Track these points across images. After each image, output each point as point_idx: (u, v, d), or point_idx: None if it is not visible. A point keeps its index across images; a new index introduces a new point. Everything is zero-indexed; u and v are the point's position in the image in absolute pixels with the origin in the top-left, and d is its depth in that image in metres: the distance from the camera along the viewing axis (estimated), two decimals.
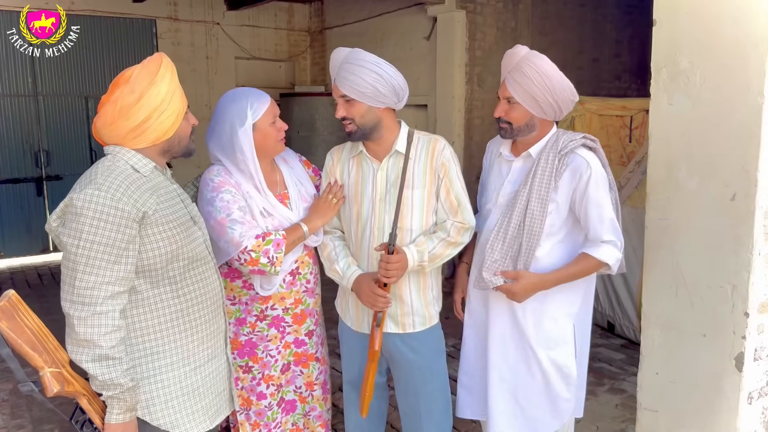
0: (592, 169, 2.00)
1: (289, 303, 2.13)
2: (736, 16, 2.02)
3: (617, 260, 2.06)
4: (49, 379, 1.52)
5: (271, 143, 2.06)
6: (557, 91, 2.01)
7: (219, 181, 2.00)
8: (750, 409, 2.17)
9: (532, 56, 2.04)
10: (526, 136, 2.10)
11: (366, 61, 1.94)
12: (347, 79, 1.93)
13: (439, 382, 2.15)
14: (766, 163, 2.02)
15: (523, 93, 2.01)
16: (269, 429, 2.17)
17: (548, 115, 2.07)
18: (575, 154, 2.02)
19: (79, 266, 1.52)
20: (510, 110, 2.05)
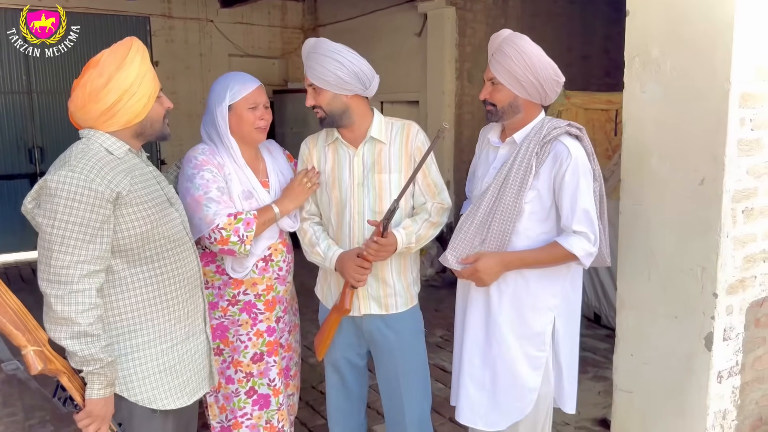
0: (572, 157, 1.97)
1: (260, 289, 2.18)
2: (703, 7, 2.09)
3: (588, 254, 1.98)
4: (32, 357, 1.55)
5: (246, 128, 2.11)
6: (538, 69, 2.00)
7: (202, 159, 2.07)
8: (720, 388, 2.23)
9: (513, 36, 2.05)
10: (511, 119, 2.08)
11: (327, 50, 2.00)
12: (313, 69, 2.00)
13: (418, 363, 2.20)
14: (733, 148, 2.09)
15: (505, 73, 2.01)
16: (235, 416, 2.19)
17: (532, 96, 2.05)
18: (558, 142, 2.00)
19: (54, 246, 1.55)
20: (494, 91, 2.06)
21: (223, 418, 2.22)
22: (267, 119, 2.16)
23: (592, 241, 1.98)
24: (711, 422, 2.23)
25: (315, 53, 2.00)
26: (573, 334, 2.19)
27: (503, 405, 2.10)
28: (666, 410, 2.33)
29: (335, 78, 1.98)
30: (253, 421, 2.20)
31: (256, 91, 2.13)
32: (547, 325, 2.09)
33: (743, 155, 2.13)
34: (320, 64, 1.98)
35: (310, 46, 2.04)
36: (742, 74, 2.06)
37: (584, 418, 3.22)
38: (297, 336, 2.40)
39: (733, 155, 2.09)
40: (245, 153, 2.14)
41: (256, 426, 2.20)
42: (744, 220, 2.18)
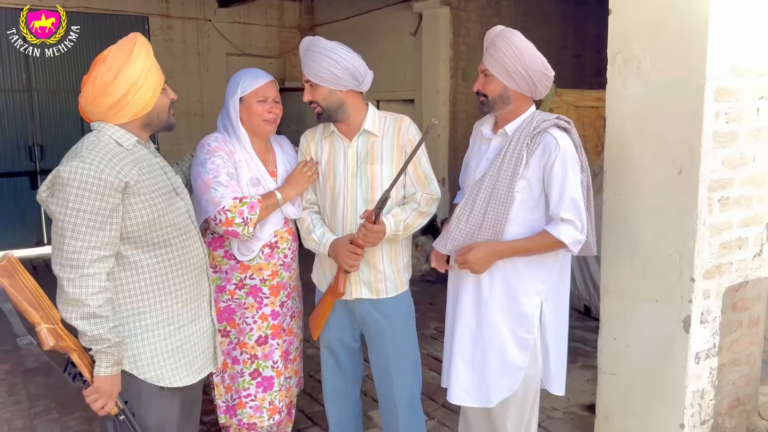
0: (560, 148, 2.06)
1: (266, 274, 2.29)
2: (680, 6, 2.20)
3: (575, 241, 2.06)
4: (45, 334, 1.65)
5: (255, 119, 2.23)
6: (527, 62, 2.10)
7: (215, 146, 2.20)
8: (698, 369, 2.34)
9: (505, 32, 2.16)
10: (502, 109, 2.18)
11: (322, 47, 2.11)
12: (309, 66, 2.12)
13: (408, 346, 2.30)
14: (708, 140, 2.20)
15: (497, 65, 2.12)
16: (239, 396, 2.31)
17: (521, 88, 2.14)
18: (547, 134, 2.09)
19: (66, 232, 1.65)
20: (486, 83, 2.17)
21: (228, 397, 2.33)
22: (275, 112, 2.27)
23: (579, 229, 2.06)
24: (689, 401, 2.34)
25: (311, 51, 2.11)
26: (561, 318, 2.28)
27: (493, 383, 2.20)
28: (647, 390, 2.44)
29: (330, 74, 2.09)
30: (257, 402, 2.31)
31: (267, 85, 2.26)
32: (535, 308, 2.19)
33: (719, 147, 2.24)
34: (315, 61, 2.09)
35: (306, 45, 2.15)
36: (717, 70, 2.17)
37: (573, 404, 3.33)
38: (299, 322, 2.50)
39: (709, 147, 2.20)
40: (256, 144, 2.27)
41: (260, 407, 2.31)
42: (720, 208, 2.29)
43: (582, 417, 3.20)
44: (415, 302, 2.41)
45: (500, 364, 2.19)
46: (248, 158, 2.24)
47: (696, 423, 2.40)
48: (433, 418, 3.24)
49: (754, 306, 2.52)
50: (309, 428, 3.18)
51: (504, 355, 2.19)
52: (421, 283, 5.79)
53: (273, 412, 2.32)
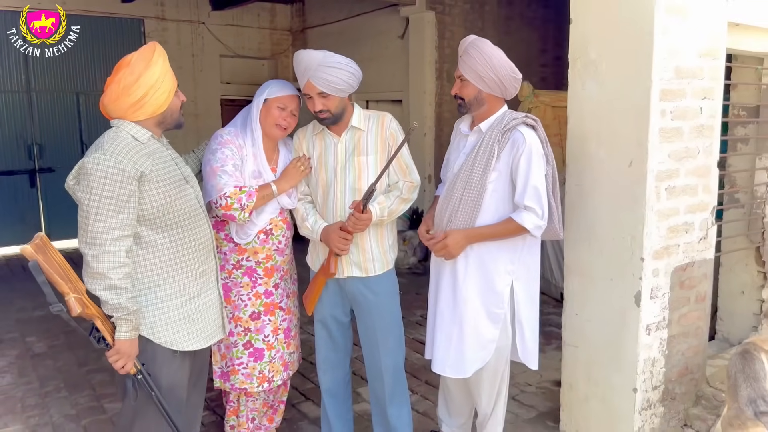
0: (527, 144, 2.33)
1: (261, 257, 2.55)
2: (630, 17, 2.49)
3: (537, 227, 2.31)
4: (73, 302, 1.89)
5: (270, 121, 2.48)
6: (497, 67, 2.38)
7: (227, 138, 2.46)
8: (648, 339, 2.63)
9: (476, 41, 2.44)
10: (478, 110, 2.45)
11: (340, 63, 2.34)
12: (325, 79, 2.31)
13: (393, 319, 2.57)
14: (655, 135, 2.49)
15: (470, 71, 2.40)
16: (233, 363, 2.57)
17: (493, 90, 2.41)
18: (516, 131, 2.36)
19: (90, 215, 1.90)
20: (462, 87, 2.44)
21: (223, 364, 2.59)
22: (289, 122, 2.51)
23: (540, 216, 2.33)
24: (641, 368, 2.63)
25: (327, 66, 2.32)
26: (532, 296, 2.53)
27: (468, 355, 2.47)
28: (605, 359, 2.73)
29: (346, 85, 2.36)
30: (248, 371, 2.57)
31: (289, 97, 2.50)
32: (505, 286, 2.45)
33: (665, 141, 2.53)
34: (335, 75, 2.32)
35: (320, 59, 2.33)
36: (662, 73, 2.47)
37: (545, 380, 3.62)
38: (295, 301, 2.76)
39: (656, 141, 2.49)
40: (265, 143, 2.52)
41: (251, 375, 2.57)
42: (667, 196, 2.58)
43: (552, 391, 3.48)
44: (403, 292, 2.68)
45: (474, 338, 2.46)
46: (255, 152, 2.50)
47: (648, 388, 2.69)
48: (416, 393, 3.51)
49: (700, 284, 2.82)
50: (302, 403, 3.45)
51: (478, 329, 2.46)
52: (408, 275, 6.07)
53: (262, 380, 2.58)
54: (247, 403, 2.66)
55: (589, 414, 2.81)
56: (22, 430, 3.17)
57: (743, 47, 2.97)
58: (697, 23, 2.58)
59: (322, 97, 2.36)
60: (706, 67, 2.65)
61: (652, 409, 2.73)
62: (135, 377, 2.01)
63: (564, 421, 2.94)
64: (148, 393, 2.00)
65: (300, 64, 2.37)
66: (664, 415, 2.80)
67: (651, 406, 2.72)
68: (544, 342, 4.17)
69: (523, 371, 3.84)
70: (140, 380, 2.01)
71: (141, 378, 2.01)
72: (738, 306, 3.54)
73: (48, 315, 4.96)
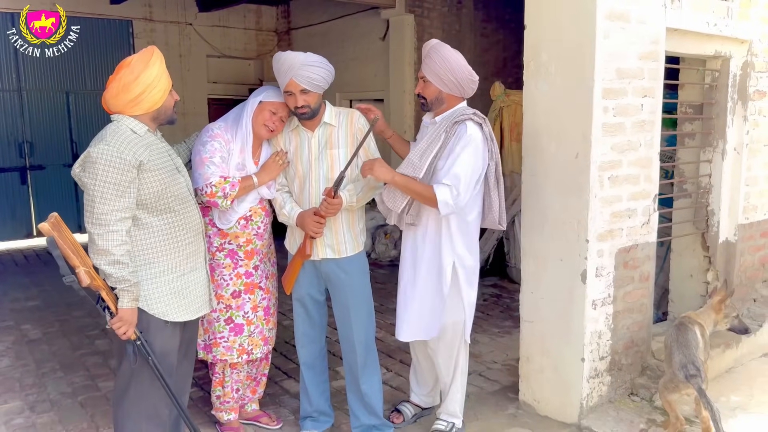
0: (467, 135, 2.56)
1: (241, 241, 2.80)
2: (575, 22, 2.78)
3: (445, 203, 2.50)
4: (83, 274, 2.13)
5: (259, 120, 2.72)
6: (455, 70, 2.64)
7: (217, 132, 2.71)
8: (595, 314, 2.92)
9: (437, 45, 2.70)
10: (438, 108, 2.72)
11: (319, 62, 2.60)
12: (307, 77, 2.56)
13: (364, 295, 2.83)
14: (598, 129, 2.78)
15: (431, 73, 2.66)
16: (215, 337, 2.83)
17: (452, 91, 2.67)
18: (463, 124, 2.62)
19: (96, 198, 2.15)
20: (424, 87, 2.72)
21: (206, 338, 2.85)
22: (277, 126, 2.73)
23: (454, 196, 2.51)
24: (588, 340, 2.92)
25: (309, 65, 2.57)
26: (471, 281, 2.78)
27: (425, 323, 2.77)
28: (557, 333, 3.01)
29: (325, 82, 2.62)
30: (228, 344, 2.83)
31: (283, 104, 2.72)
32: (448, 266, 2.71)
33: (608, 135, 2.82)
34: (315, 73, 2.57)
35: (302, 60, 2.57)
36: (603, 74, 2.75)
37: (511, 359, 3.90)
38: (274, 282, 3.01)
39: (599, 135, 2.78)
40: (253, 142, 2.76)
41: (231, 348, 2.83)
42: (610, 185, 2.87)
43: (515, 368, 3.74)
44: (383, 282, 2.95)
45: (428, 309, 2.76)
46: (243, 147, 2.74)
47: (595, 358, 2.98)
48: (391, 370, 3.79)
49: (644, 264, 3.12)
50: (284, 380, 3.71)
51: (431, 302, 2.75)
52: (388, 267, 6.32)
53: (241, 352, 2.84)
54: (232, 375, 2.92)
55: (544, 383, 3.09)
56: (21, 407, 3.40)
57: (684, 50, 3.28)
58: (637, 29, 2.87)
59: (303, 94, 2.60)
60: (647, 68, 2.95)
61: (599, 378, 3.02)
62: (135, 343, 2.24)
63: (522, 391, 3.22)
64: (146, 357, 2.25)
65: (283, 64, 2.60)
66: (611, 384, 3.10)
67: (599, 375, 3.01)
68: (513, 326, 4.47)
69: (490, 351, 4.14)
70: (139, 346, 2.25)
71: (140, 344, 2.25)
72: (687, 288, 3.85)
73: (41, 305, 5.22)
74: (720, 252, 3.68)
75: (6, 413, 3.31)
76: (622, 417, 3.03)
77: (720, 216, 3.64)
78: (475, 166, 2.58)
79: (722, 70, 3.53)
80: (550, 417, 3.07)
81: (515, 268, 5.39)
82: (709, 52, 3.40)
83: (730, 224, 3.69)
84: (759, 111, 3.69)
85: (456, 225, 2.70)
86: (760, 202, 3.82)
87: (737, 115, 3.59)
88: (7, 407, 3.38)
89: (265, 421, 3.09)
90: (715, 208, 3.64)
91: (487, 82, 6.47)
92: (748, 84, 3.57)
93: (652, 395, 3.15)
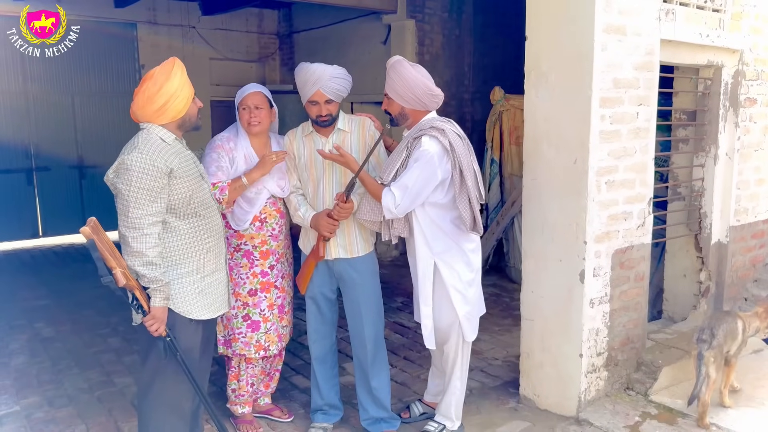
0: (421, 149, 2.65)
1: (257, 242, 2.94)
2: (574, 34, 2.92)
3: (387, 209, 2.65)
4: (120, 275, 2.25)
5: (243, 123, 2.91)
6: (413, 87, 2.72)
7: (217, 144, 2.88)
8: (592, 312, 3.07)
9: (396, 64, 2.78)
10: (405, 123, 2.82)
11: (344, 74, 2.79)
12: (333, 89, 2.74)
13: (374, 293, 2.97)
14: (596, 136, 2.92)
15: (392, 90, 2.78)
16: (233, 332, 2.97)
17: (414, 106, 2.76)
18: (419, 138, 2.70)
19: (130, 203, 2.27)
20: (388, 104, 2.82)
21: (225, 333, 2.99)
22: (255, 115, 2.87)
23: (394, 203, 2.64)
24: (586, 337, 3.07)
25: (335, 77, 2.74)
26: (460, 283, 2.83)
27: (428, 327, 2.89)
28: (556, 330, 3.16)
29: (346, 93, 2.80)
30: (246, 339, 2.97)
31: (248, 96, 2.89)
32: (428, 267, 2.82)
33: (605, 142, 2.97)
34: (341, 85, 2.77)
35: (330, 72, 2.74)
36: (601, 84, 2.90)
37: (511, 355, 4.04)
38: (290, 282, 3.15)
39: (596, 142, 2.92)
40: (253, 141, 2.93)
41: (249, 343, 2.97)
42: (607, 189, 3.02)
43: (516, 364, 3.89)
44: (385, 281, 3.07)
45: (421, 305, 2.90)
46: (246, 152, 2.90)
47: (593, 354, 3.12)
48: (395, 366, 3.93)
49: (639, 265, 3.26)
50: (293, 376, 3.85)
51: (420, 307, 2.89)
52: (390, 267, 6.47)
53: (259, 348, 2.98)
54: (247, 369, 3.06)
55: (544, 378, 3.24)
56: (40, 401, 3.52)
57: (678, 60, 3.43)
58: (633, 41, 3.02)
59: (327, 104, 2.77)
60: (642, 78, 3.09)
61: (597, 373, 3.17)
62: (165, 339, 2.37)
63: (523, 386, 3.37)
64: (174, 352, 2.38)
65: (312, 76, 2.75)
66: (608, 379, 3.24)
67: (596, 370, 3.16)
68: (512, 324, 4.61)
69: (491, 348, 4.29)
70: (169, 342, 2.37)
71: (170, 340, 2.38)
72: (681, 287, 4.00)
73: (51, 303, 5.36)
74: (712, 253, 3.83)
75: (26, 408, 3.44)
76: (618, 410, 3.18)
77: (712, 218, 3.79)
78: (424, 178, 2.64)
79: (714, 79, 3.68)
80: (550, 410, 3.22)
81: (514, 268, 5.54)
82: (702, 62, 3.55)
83: (722, 226, 3.84)
84: (750, 117, 3.84)
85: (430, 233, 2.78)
86: (750, 205, 3.97)
87: (729, 121, 3.74)
88: (27, 402, 3.51)
89: (277, 414, 3.23)
90: (707, 211, 3.79)
91: (487, 86, 6.63)
92: (739, 92, 3.72)
93: (647, 389, 3.30)
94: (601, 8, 2.83)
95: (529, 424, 3.14)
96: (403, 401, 3.40)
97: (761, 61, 3.83)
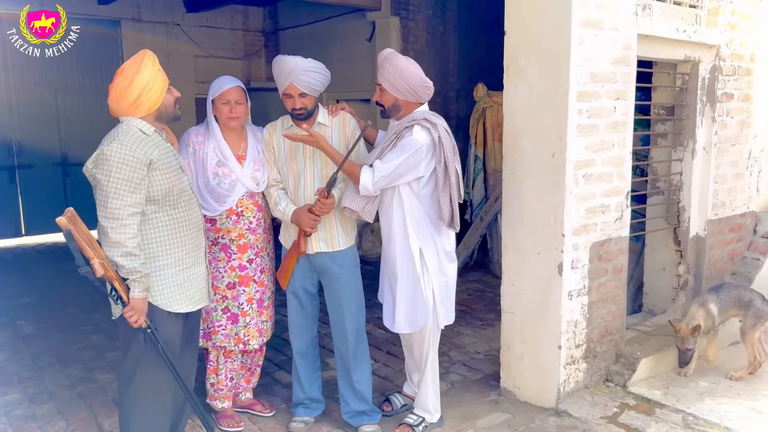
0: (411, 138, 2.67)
1: (234, 236, 2.94)
2: (552, 29, 2.95)
3: (364, 185, 2.68)
4: (98, 265, 2.25)
5: (222, 117, 2.90)
6: (408, 78, 2.74)
7: (184, 137, 2.90)
8: (571, 303, 3.10)
9: (390, 55, 2.81)
10: (396, 114, 2.84)
11: (318, 67, 2.77)
12: (307, 82, 2.72)
13: (356, 287, 2.98)
14: (573, 130, 2.95)
15: (386, 81, 2.78)
16: (213, 326, 2.98)
17: (408, 98, 2.78)
18: (410, 127, 2.72)
19: (110, 194, 2.26)
20: (381, 95, 2.83)
21: (205, 326, 2.99)
22: (237, 111, 2.88)
23: (372, 181, 2.68)
24: (564, 328, 3.10)
25: (309, 71, 2.73)
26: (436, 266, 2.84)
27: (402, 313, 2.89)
28: (535, 322, 3.19)
29: (321, 87, 2.79)
30: (226, 332, 2.98)
31: (229, 90, 2.88)
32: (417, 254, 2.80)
33: (582, 136, 3.00)
34: (315, 79, 2.75)
35: (303, 65, 2.73)
36: (578, 78, 2.93)
37: (493, 349, 4.07)
38: (270, 276, 3.14)
39: (574, 135, 2.96)
40: (228, 134, 2.92)
41: (228, 336, 2.98)
42: (585, 182, 3.05)
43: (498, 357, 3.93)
44: (370, 278, 3.07)
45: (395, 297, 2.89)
46: (217, 145, 2.89)
47: (571, 345, 3.16)
48: (378, 361, 3.94)
49: (617, 258, 3.30)
50: (276, 372, 3.85)
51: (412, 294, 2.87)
52: (376, 263, 6.47)
53: (238, 341, 2.99)
54: (226, 363, 3.06)
55: (524, 370, 3.27)
56: (20, 398, 3.50)
57: (655, 55, 3.47)
58: (610, 35, 3.06)
59: (302, 97, 2.76)
60: (619, 72, 3.13)
61: (575, 365, 3.20)
62: (145, 330, 2.37)
63: (503, 378, 3.40)
64: (155, 344, 2.38)
65: (285, 68, 2.75)
66: (587, 371, 3.28)
67: (575, 361, 3.20)
68: (495, 318, 4.64)
69: (473, 342, 4.32)
70: (150, 333, 2.37)
71: (150, 331, 2.37)
72: (660, 281, 4.05)
73: (34, 301, 5.32)
74: (690, 246, 3.88)
75: (6, 404, 3.42)
76: (597, 401, 3.22)
77: (690, 212, 3.84)
78: (408, 165, 2.67)
79: (692, 74, 3.73)
80: (530, 402, 3.25)
81: (498, 263, 5.55)
82: (679, 57, 3.60)
83: (700, 220, 3.89)
84: (726, 112, 3.89)
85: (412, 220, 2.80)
86: (728, 199, 4.03)
87: (706, 116, 3.79)
88: (7, 399, 3.49)
89: (259, 408, 3.24)
90: (686, 205, 3.84)
91: (471, 83, 6.65)
92: (716, 87, 3.77)
93: (625, 381, 3.34)
94: (578, 2, 2.86)
95: (509, 416, 3.17)
96: (386, 395, 3.42)
97: (738, 57, 3.88)
